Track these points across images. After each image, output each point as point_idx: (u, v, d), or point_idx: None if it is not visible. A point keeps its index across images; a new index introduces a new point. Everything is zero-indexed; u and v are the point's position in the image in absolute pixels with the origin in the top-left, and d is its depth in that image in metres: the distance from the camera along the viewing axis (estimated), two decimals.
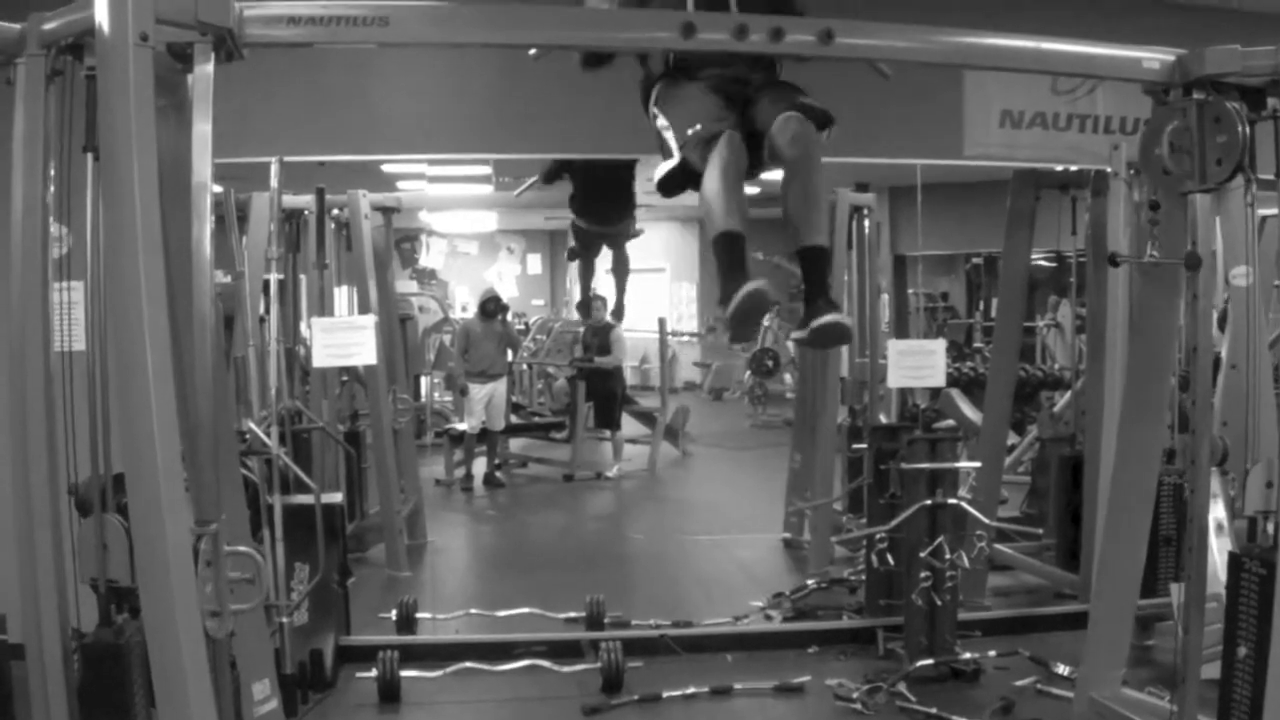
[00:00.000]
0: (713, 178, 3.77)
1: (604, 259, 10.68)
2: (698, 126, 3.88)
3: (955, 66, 5.91)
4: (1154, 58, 3.65)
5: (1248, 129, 3.38)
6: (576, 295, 12.96)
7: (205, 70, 2.98)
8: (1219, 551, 5.11)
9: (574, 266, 13.02)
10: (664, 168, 4.01)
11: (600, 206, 9.76)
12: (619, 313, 11.49)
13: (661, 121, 4.09)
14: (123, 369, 2.86)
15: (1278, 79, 3.37)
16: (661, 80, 4.21)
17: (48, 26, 3.12)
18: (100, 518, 3.34)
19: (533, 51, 3.72)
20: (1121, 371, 6.20)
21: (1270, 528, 3.96)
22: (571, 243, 10.67)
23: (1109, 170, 6.81)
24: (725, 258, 3.78)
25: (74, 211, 3.19)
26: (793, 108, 3.86)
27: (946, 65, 4.52)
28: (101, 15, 2.82)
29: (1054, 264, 12.25)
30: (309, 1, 3.15)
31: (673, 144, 3.98)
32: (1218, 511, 5.38)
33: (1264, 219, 3.50)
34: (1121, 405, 4.48)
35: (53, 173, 3.19)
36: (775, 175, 4.00)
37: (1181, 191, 3.70)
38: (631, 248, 10.52)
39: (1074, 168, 7.42)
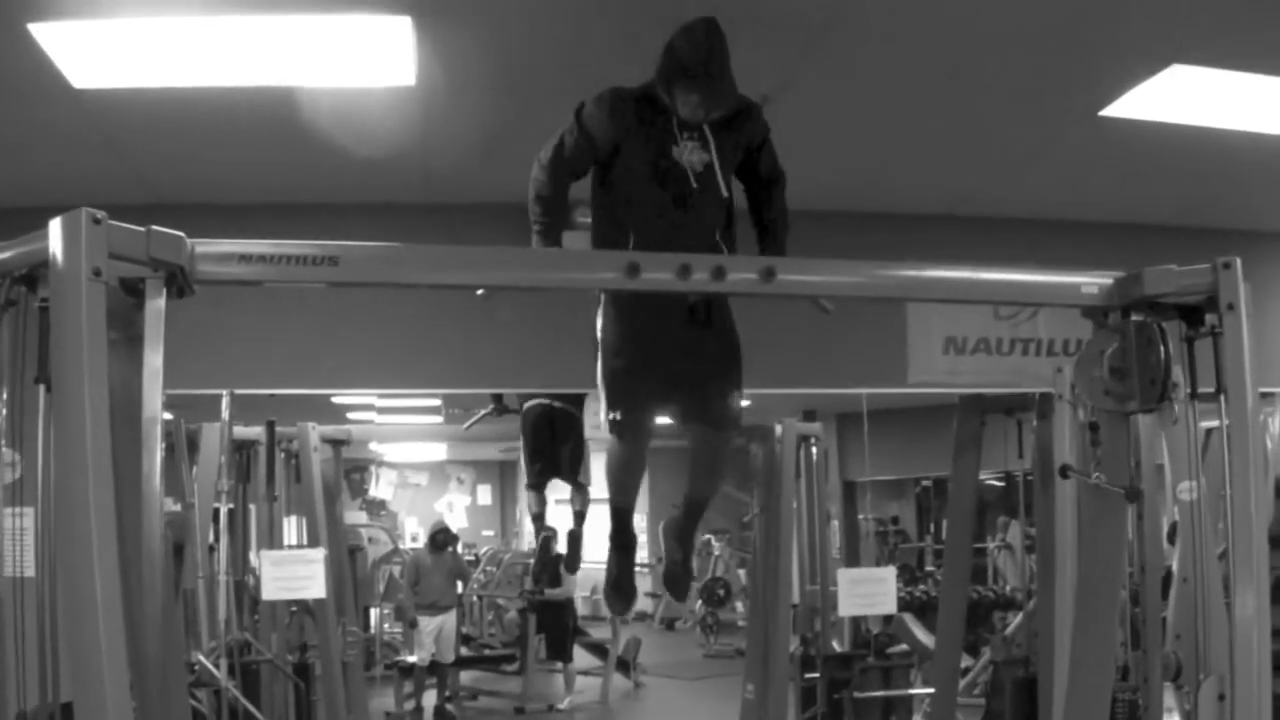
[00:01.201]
0: (615, 464, 4.65)
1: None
2: (617, 415, 4.42)
3: (897, 300, 6.00)
4: (1092, 282, 3.64)
5: (1171, 349, 3.42)
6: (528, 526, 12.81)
7: (157, 305, 2.98)
8: None
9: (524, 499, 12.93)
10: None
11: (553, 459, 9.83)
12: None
13: (599, 372, 4.53)
14: (71, 597, 2.82)
15: (1214, 295, 3.40)
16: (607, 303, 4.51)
17: (1, 257, 3.12)
18: None
19: (480, 291, 3.77)
20: (1072, 591, 6.20)
21: None
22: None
23: (1053, 392, 6.89)
24: (616, 522, 4.81)
25: (26, 438, 3.17)
26: (715, 420, 4.55)
27: (888, 299, 4.59)
28: (56, 248, 2.80)
29: (1003, 484, 12.32)
30: (260, 241, 3.16)
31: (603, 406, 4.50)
32: None
33: (1209, 431, 3.51)
34: (1073, 625, 4.46)
35: (5, 396, 3.18)
36: None
37: (1124, 412, 3.74)
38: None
39: (1018, 390, 7.50)
